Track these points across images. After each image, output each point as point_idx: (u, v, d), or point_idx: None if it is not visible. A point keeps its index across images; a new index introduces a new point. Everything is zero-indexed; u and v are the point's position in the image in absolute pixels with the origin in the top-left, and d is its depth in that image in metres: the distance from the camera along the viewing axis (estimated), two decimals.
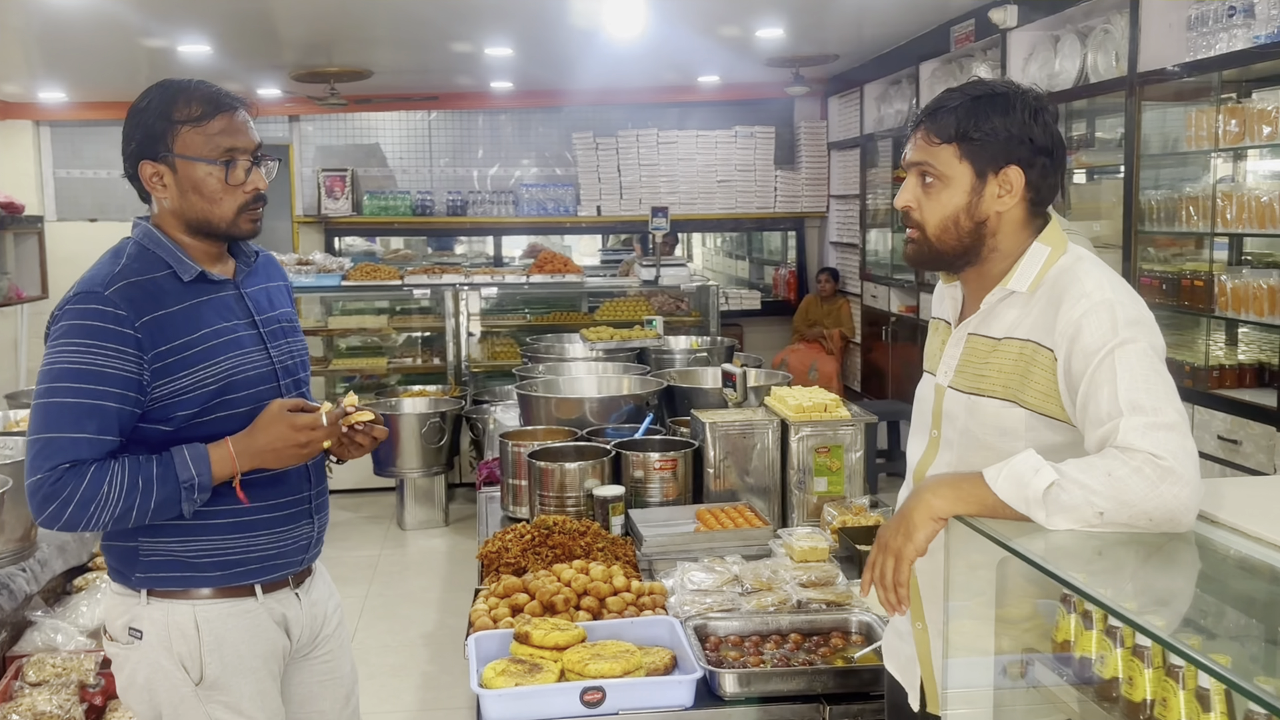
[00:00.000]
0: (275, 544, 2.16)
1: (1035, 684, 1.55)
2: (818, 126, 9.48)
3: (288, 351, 2.21)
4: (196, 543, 2.08)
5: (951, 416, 1.81)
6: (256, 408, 2.08)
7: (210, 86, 2.10)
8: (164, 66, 7.53)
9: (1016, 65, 5.83)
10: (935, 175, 1.76)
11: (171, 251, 2.08)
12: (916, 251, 1.82)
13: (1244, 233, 4.10)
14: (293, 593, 2.23)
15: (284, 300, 2.30)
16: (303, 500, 2.21)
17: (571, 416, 3.95)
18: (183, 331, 2.02)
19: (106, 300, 1.96)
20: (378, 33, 6.65)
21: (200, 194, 2.06)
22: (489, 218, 9.39)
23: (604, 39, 6.50)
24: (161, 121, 2.04)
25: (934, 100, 1.81)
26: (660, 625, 2.45)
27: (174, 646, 2.09)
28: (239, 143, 2.07)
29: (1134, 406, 1.55)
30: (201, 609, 2.10)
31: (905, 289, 7.70)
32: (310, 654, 2.30)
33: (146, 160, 2.06)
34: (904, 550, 1.59)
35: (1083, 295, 1.65)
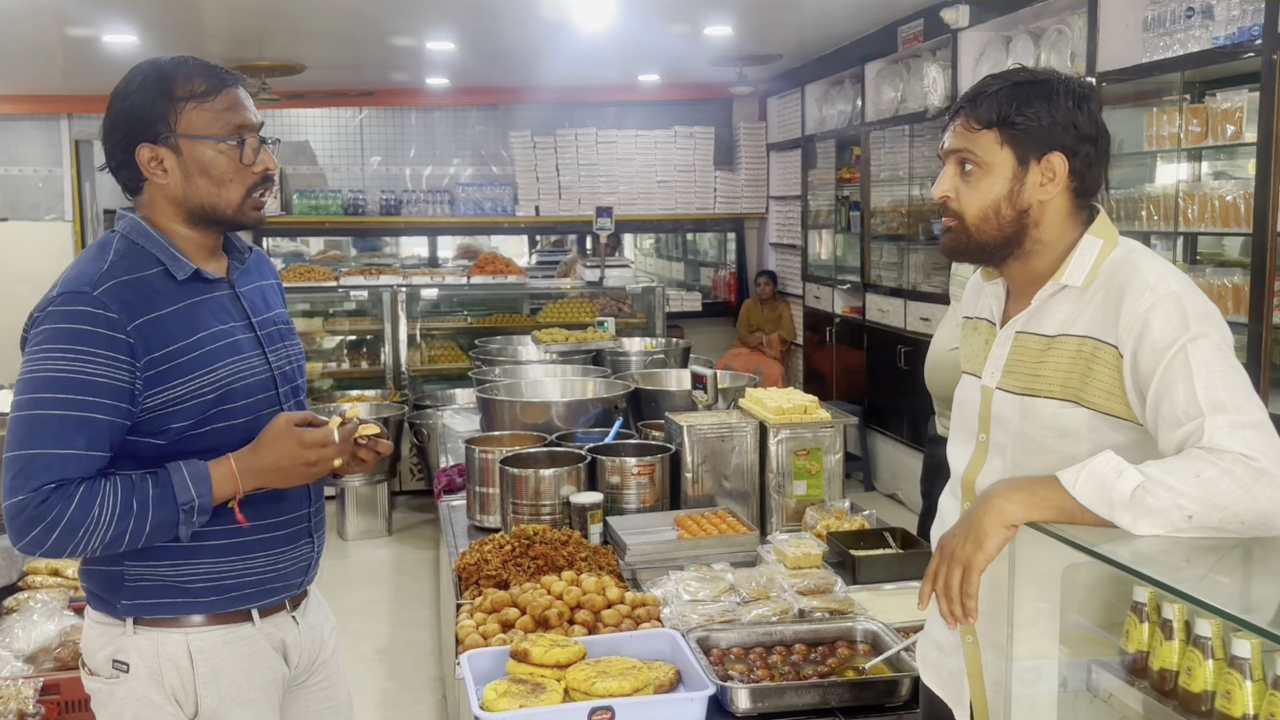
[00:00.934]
0: (274, 566, 1.99)
1: (1104, 696, 1.47)
2: (756, 127, 9.45)
3: (285, 357, 2.04)
4: (190, 566, 1.90)
5: (1002, 419, 1.73)
6: (256, 419, 1.92)
7: (207, 62, 1.92)
8: (85, 58, 7.21)
9: (967, 66, 5.84)
10: (975, 162, 1.69)
11: (163, 247, 1.89)
12: (954, 241, 1.74)
13: (1206, 232, 4.13)
14: (290, 616, 2.06)
15: (278, 300, 2.13)
16: (303, 519, 2.05)
17: (538, 421, 3.82)
18: (178, 336, 1.84)
19: (95, 301, 1.76)
20: (311, 26, 6.43)
21: (209, 176, 1.88)
22: (424, 217, 9.17)
23: (554, 32, 6.37)
24: (161, 100, 1.85)
25: (974, 86, 1.74)
26: (661, 638, 2.34)
27: (165, 680, 1.90)
28: (246, 119, 1.90)
29: (1216, 405, 1.48)
30: (195, 637, 1.92)
31: (848, 290, 7.69)
32: (307, 681, 2.14)
33: (145, 144, 1.86)
34: (974, 560, 1.50)
35: (1147, 288, 1.58)
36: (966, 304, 1.97)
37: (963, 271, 3.74)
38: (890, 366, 6.88)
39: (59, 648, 3.36)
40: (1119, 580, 1.49)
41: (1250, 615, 1.25)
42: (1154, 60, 4.31)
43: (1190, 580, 1.35)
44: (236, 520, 1.89)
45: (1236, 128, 3.92)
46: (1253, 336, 3.81)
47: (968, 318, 1.95)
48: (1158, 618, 1.43)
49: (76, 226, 9.29)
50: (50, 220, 9.22)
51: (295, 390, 2.06)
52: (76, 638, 3.41)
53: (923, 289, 6.61)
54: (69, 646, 3.37)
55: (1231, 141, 3.96)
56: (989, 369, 1.78)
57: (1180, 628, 1.39)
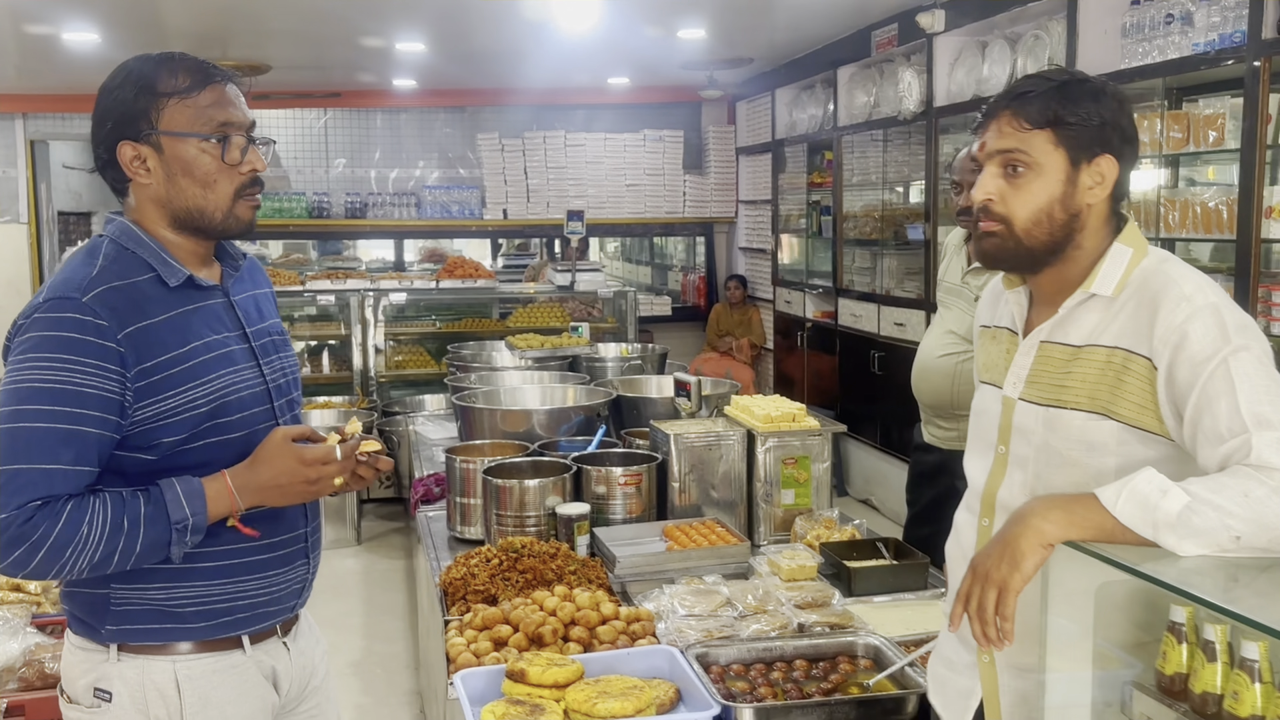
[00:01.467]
0: (267, 589, 1.90)
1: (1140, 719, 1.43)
2: (726, 131, 9.42)
3: (280, 369, 1.95)
4: (180, 589, 1.81)
5: (1025, 431, 1.67)
6: (251, 434, 1.82)
7: (195, 58, 1.84)
8: (40, 56, 7.03)
9: (943, 70, 5.83)
10: (1026, 163, 1.62)
11: (154, 251, 1.80)
12: (999, 247, 1.66)
13: (1187, 238, 4.14)
14: (280, 642, 1.97)
15: (271, 309, 2.04)
16: (299, 539, 1.96)
17: (519, 429, 3.73)
18: (170, 345, 1.75)
19: (84, 308, 1.68)
20: (277, 25, 6.31)
21: (191, 176, 1.79)
22: (390, 220, 9.05)
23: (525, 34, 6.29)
24: (144, 96, 1.77)
25: (1016, 86, 1.68)
26: (659, 655, 2.27)
27: (150, 710, 1.81)
28: (233, 117, 1.81)
29: (1261, 421, 1.43)
30: (183, 665, 1.83)
31: (820, 295, 7.67)
32: (296, 709, 2.05)
33: (126, 141, 1.79)
34: (1010, 581, 1.44)
35: (1183, 299, 1.53)
36: (983, 312, 1.92)
37: (950, 277, 3.71)
38: (863, 371, 6.86)
39: (23, 667, 3.23)
40: (1153, 600, 1.45)
41: None
42: (1134, 66, 4.31)
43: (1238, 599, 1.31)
44: (229, 540, 1.81)
45: (1219, 134, 3.92)
46: None
47: (985, 326, 1.89)
48: (1197, 639, 1.38)
49: (32, 229, 9.08)
50: (5, 222, 9.00)
51: (291, 404, 1.98)
52: (41, 656, 3.28)
53: (896, 294, 6.59)
54: (34, 666, 3.24)
55: (1214, 148, 3.96)
56: (1011, 379, 1.73)
57: (1223, 649, 1.34)
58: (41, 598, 3.81)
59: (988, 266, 1.73)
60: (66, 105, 8.82)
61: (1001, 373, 1.77)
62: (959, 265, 3.67)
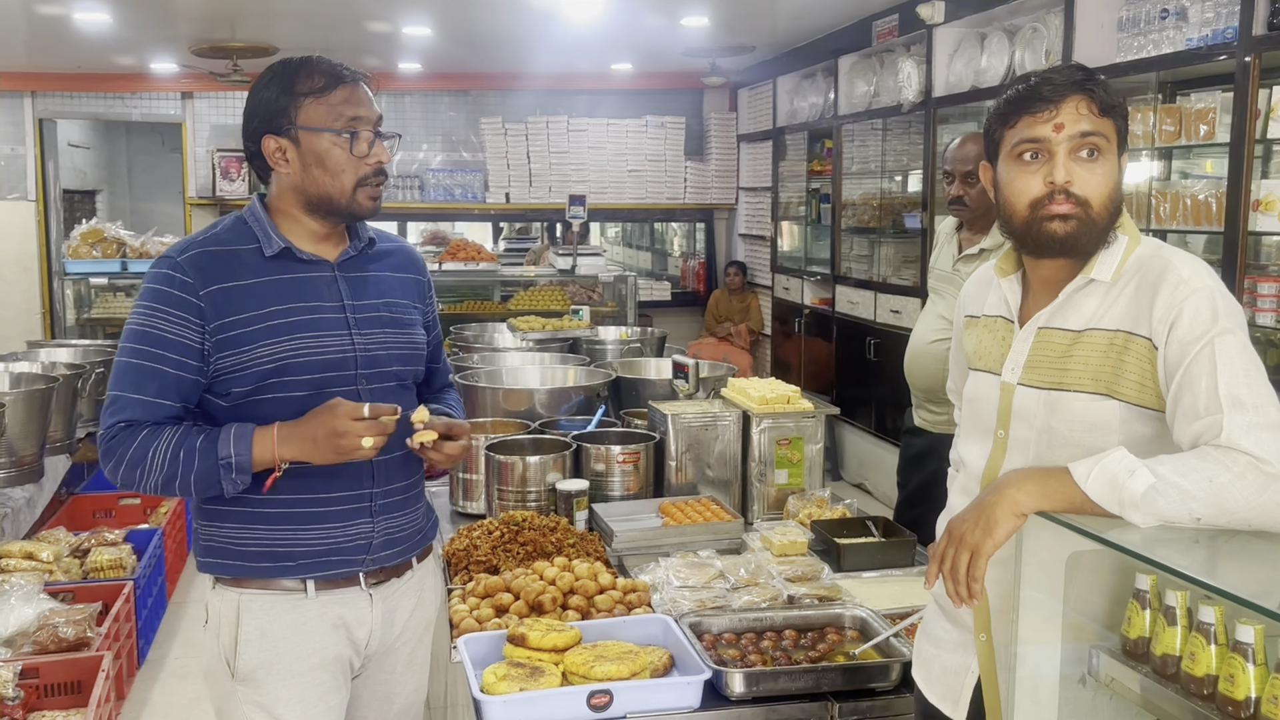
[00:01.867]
0: (326, 540, 2.05)
1: (1106, 681, 1.52)
2: (727, 118, 9.48)
3: (380, 342, 2.09)
4: (246, 531, 2.03)
5: (1025, 415, 1.73)
6: (318, 394, 1.99)
7: (330, 61, 2.05)
8: (51, 35, 7.09)
9: (942, 62, 5.90)
10: (1102, 149, 1.66)
11: (263, 226, 2.03)
12: (1079, 230, 1.66)
13: (1178, 230, 4.22)
14: (365, 592, 2.11)
15: (400, 292, 2.18)
16: (361, 498, 2.08)
17: (520, 408, 3.82)
18: (249, 306, 1.96)
19: (177, 266, 1.95)
20: (284, 6, 6.37)
21: (323, 167, 2.00)
22: (394, 203, 9.12)
23: (531, 20, 6.35)
24: (284, 95, 2.00)
25: (1068, 72, 1.68)
26: (654, 624, 2.37)
27: (221, 635, 2.05)
28: (362, 112, 2.01)
29: (1236, 403, 1.51)
30: (247, 598, 2.04)
31: (818, 282, 7.75)
32: (368, 669, 2.19)
33: (270, 135, 2.02)
34: (982, 545, 1.53)
35: (1181, 281, 1.61)
36: (969, 302, 1.97)
37: (942, 264, 3.79)
38: (859, 358, 6.95)
39: (38, 631, 3.34)
40: (1122, 569, 1.54)
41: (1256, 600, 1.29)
42: (1129, 60, 4.38)
43: (1195, 566, 1.40)
44: (289, 490, 2.00)
45: (1209, 128, 4.00)
46: None
47: (972, 316, 1.94)
48: (1159, 604, 1.47)
49: (40, 206, 9.15)
50: (13, 200, 9.07)
51: (388, 375, 2.11)
52: (55, 621, 3.39)
53: (893, 281, 6.68)
54: (48, 630, 3.35)
55: (1204, 141, 4.04)
56: (1009, 365, 1.78)
57: (1183, 614, 1.43)
58: (54, 566, 3.92)
59: (1055, 252, 1.70)
60: (75, 84, 8.88)
61: (997, 360, 1.81)
62: (950, 253, 3.76)
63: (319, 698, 2.07)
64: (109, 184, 11.85)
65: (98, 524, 4.72)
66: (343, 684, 2.14)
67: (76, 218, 10.00)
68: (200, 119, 9.11)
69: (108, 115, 9.24)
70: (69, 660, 3.26)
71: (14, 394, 4.21)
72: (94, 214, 10.94)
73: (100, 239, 7.06)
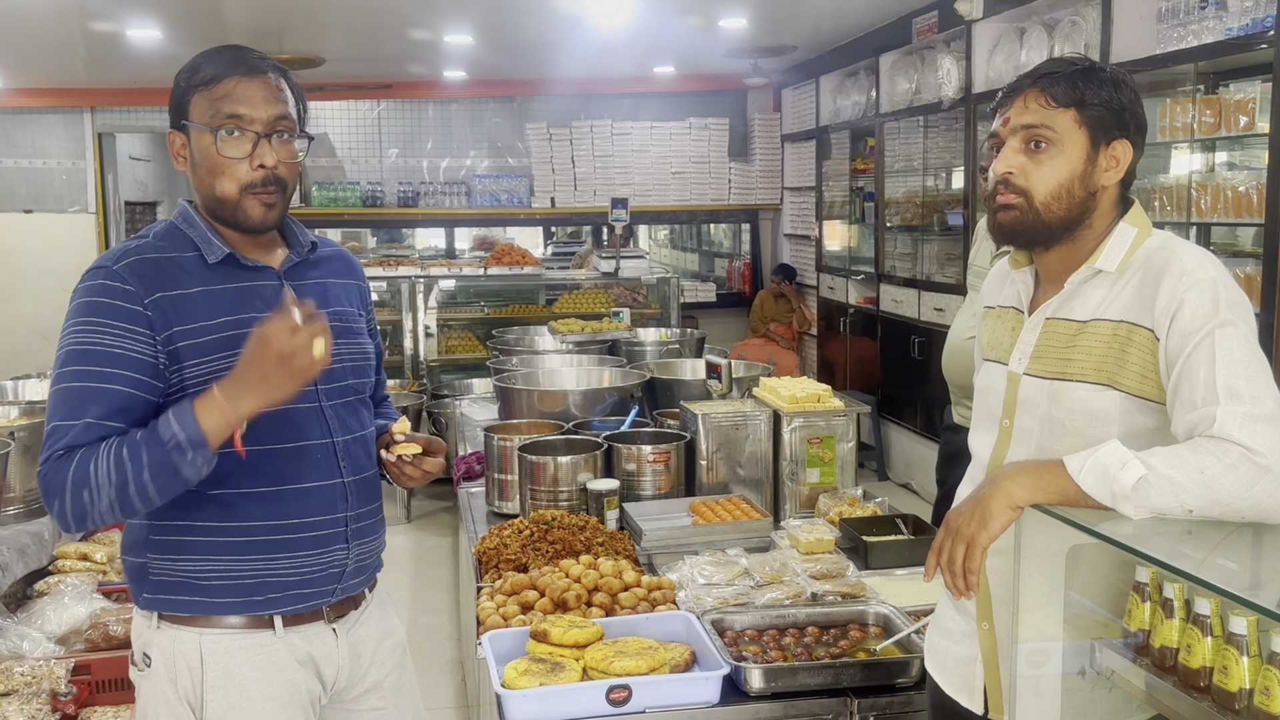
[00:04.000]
0: (298, 570, 1.90)
1: (1107, 674, 1.52)
2: (771, 119, 9.48)
3: (334, 354, 1.86)
4: (208, 562, 1.86)
5: (1029, 404, 1.75)
6: (283, 411, 1.81)
7: (239, 50, 1.86)
8: (106, 51, 7.30)
9: (981, 57, 5.86)
10: (1050, 140, 1.68)
11: (201, 231, 1.88)
12: (1018, 220, 1.71)
13: (1219, 222, 4.16)
14: (328, 627, 1.97)
15: (346, 300, 2.05)
16: (337, 522, 1.94)
17: (555, 409, 3.87)
18: (199, 316, 1.81)
19: (114, 275, 1.78)
20: (331, 19, 6.50)
21: (205, 167, 1.84)
22: (441, 209, 9.24)
23: (570, 25, 6.41)
24: (180, 88, 1.85)
25: (1042, 66, 1.73)
26: (676, 620, 2.40)
27: (178, 679, 1.87)
28: (242, 110, 1.80)
29: (1232, 394, 1.51)
30: (209, 639, 1.87)
31: (862, 280, 7.72)
32: (354, 701, 2.07)
33: (172, 130, 1.88)
34: (977, 537, 1.55)
35: (1184, 273, 1.61)
36: (989, 293, 1.98)
37: (981, 261, 3.78)
38: (904, 356, 6.92)
39: (89, 629, 3.45)
40: (1123, 561, 1.54)
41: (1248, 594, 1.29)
42: (1167, 51, 4.33)
43: (1190, 560, 1.40)
44: (260, 516, 1.84)
45: (1249, 118, 3.94)
46: (1265, 326, 3.83)
47: (989, 307, 1.96)
48: (1159, 597, 1.48)
49: (100, 218, 9.40)
50: (74, 212, 9.33)
51: (345, 390, 1.98)
52: (106, 620, 3.50)
53: (936, 279, 6.64)
54: (99, 628, 3.46)
55: (1244, 132, 3.98)
56: (1016, 355, 1.79)
57: (1180, 606, 1.44)
58: (107, 566, 4.04)
59: (1002, 241, 1.77)
60: (132, 99, 9.11)
61: (1006, 350, 1.83)
62: (989, 249, 3.73)
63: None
64: (169, 195, 12.13)
65: None
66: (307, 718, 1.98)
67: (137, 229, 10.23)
68: None
69: (164, 128, 9.40)
70: (119, 657, 3.35)
71: None
72: None
73: None
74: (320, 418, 1.93)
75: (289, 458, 1.89)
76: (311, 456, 1.91)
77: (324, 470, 1.92)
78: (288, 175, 1.88)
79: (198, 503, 1.84)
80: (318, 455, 1.91)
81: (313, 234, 2.07)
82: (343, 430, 1.96)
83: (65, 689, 3.18)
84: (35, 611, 3.49)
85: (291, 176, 1.89)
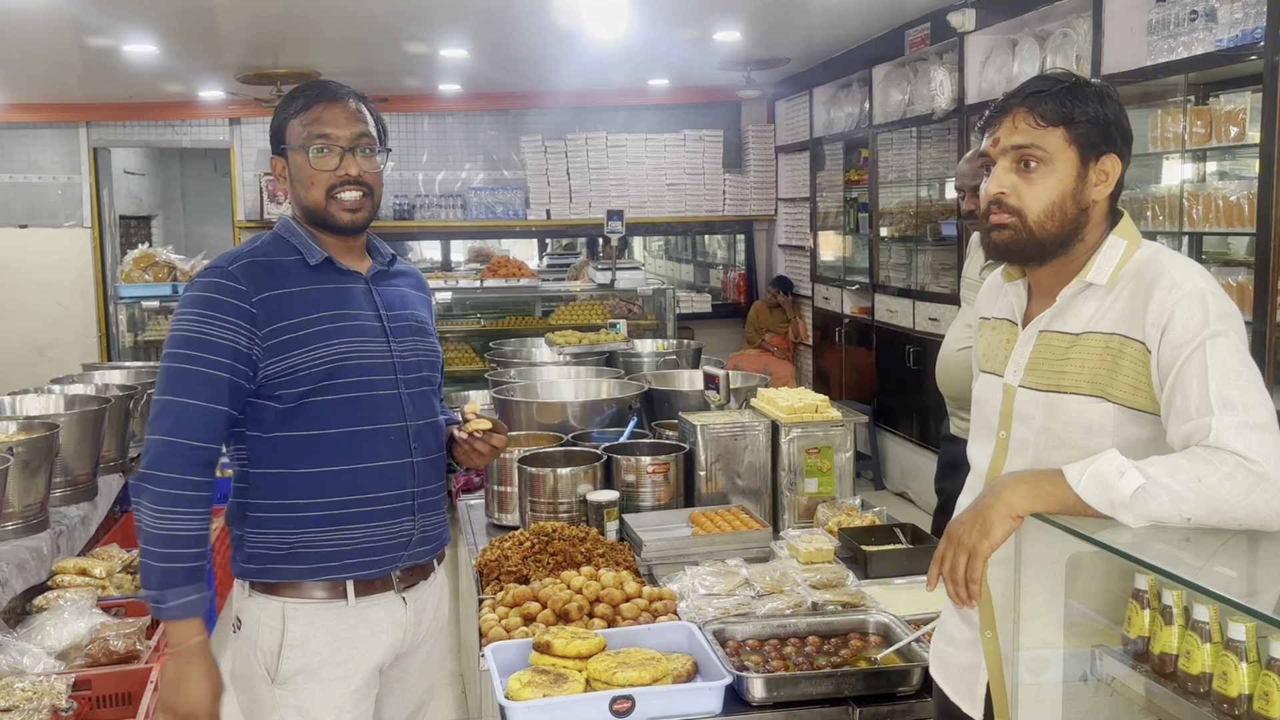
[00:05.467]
0: (369, 538, 2.13)
1: (1108, 681, 1.54)
2: (765, 130, 9.52)
3: (411, 349, 2.21)
4: (296, 535, 2.10)
5: (1025, 416, 1.77)
6: (368, 395, 2.10)
7: (325, 82, 2.18)
8: (102, 67, 7.31)
9: (974, 69, 5.90)
10: (1041, 159, 1.70)
11: (303, 239, 2.16)
12: (1013, 239, 1.74)
13: (1211, 232, 4.19)
14: (398, 596, 2.20)
15: (419, 305, 2.31)
16: (404, 497, 2.18)
17: (554, 421, 3.89)
18: (300, 311, 2.07)
19: (229, 275, 2.06)
20: (326, 33, 6.53)
21: (300, 181, 2.15)
22: (437, 221, 9.27)
23: (565, 39, 6.45)
24: (278, 118, 2.19)
25: (1028, 85, 1.75)
26: (678, 631, 2.41)
27: (260, 642, 2.12)
28: (329, 130, 2.12)
29: (1225, 403, 1.53)
30: (292, 606, 2.12)
31: (857, 291, 7.75)
32: (403, 663, 2.29)
33: (275, 157, 2.21)
34: (979, 547, 1.57)
35: (1174, 285, 1.63)
36: (984, 305, 2.00)
37: (972, 273, 3.80)
38: (899, 366, 6.95)
39: (90, 644, 3.45)
40: (1122, 569, 1.56)
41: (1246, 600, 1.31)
42: (1158, 63, 4.37)
43: (1188, 567, 1.42)
44: (336, 492, 2.09)
45: (1240, 129, 3.97)
46: (1257, 334, 3.86)
47: (985, 318, 1.98)
48: (1158, 604, 1.49)
49: (95, 233, 9.41)
50: (69, 227, 9.34)
51: (420, 380, 2.22)
52: (107, 635, 3.50)
53: (931, 289, 6.67)
54: (99, 643, 3.46)
55: (1235, 143, 4.02)
56: (1011, 368, 1.81)
57: (1180, 613, 1.45)
58: (106, 581, 4.04)
59: (998, 260, 1.80)
60: (127, 114, 9.14)
61: (1001, 362, 1.85)
62: (978, 261, 3.77)
63: (354, 704, 2.16)
64: (164, 209, 12.15)
65: None
66: (373, 690, 2.23)
67: (133, 242, 10.27)
68: (248, 144, 9.33)
69: (159, 142, 9.49)
70: (119, 672, 3.36)
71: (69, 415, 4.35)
72: (149, 239, 11.23)
73: (152, 263, 7.26)
74: (398, 404, 2.16)
75: (367, 438, 2.12)
76: (386, 437, 2.14)
77: (397, 450, 2.15)
78: (372, 183, 2.16)
79: (288, 482, 2.10)
80: (392, 437, 2.15)
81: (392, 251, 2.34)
82: (416, 415, 2.19)
83: (66, 704, 3.18)
84: (35, 627, 3.50)
85: (376, 184, 2.17)
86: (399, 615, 2.20)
